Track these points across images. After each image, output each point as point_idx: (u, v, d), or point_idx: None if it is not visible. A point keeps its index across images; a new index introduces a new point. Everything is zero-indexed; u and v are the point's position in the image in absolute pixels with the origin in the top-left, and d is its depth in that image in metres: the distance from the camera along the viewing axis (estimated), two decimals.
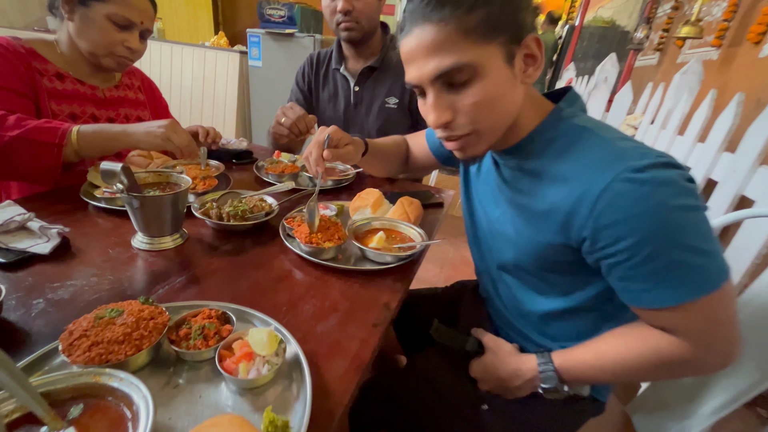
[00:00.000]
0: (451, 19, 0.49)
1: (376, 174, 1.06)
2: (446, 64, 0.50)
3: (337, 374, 0.47)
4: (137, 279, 0.61)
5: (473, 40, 0.49)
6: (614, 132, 0.55)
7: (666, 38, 2.89)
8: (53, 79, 0.92)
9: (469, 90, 0.52)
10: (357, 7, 1.12)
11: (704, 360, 0.53)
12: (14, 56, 0.86)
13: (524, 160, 0.60)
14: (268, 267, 0.68)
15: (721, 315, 0.50)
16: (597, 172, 0.49)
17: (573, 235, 0.53)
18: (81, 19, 0.89)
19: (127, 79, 1.11)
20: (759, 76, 1.85)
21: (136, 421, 0.35)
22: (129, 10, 0.90)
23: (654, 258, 0.47)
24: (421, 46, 0.51)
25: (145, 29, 0.96)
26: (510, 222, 0.64)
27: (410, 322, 0.98)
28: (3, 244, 0.60)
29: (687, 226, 0.46)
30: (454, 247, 2.49)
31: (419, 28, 0.51)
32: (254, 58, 3.00)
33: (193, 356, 0.45)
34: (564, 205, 0.53)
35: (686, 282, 0.47)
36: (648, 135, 2.00)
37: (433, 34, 0.50)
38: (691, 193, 0.47)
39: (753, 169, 1.15)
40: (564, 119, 0.58)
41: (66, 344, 0.40)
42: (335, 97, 1.36)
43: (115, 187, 0.61)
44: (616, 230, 0.48)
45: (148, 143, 0.82)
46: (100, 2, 0.88)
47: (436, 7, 0.49)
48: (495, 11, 0.49)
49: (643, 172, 0.46)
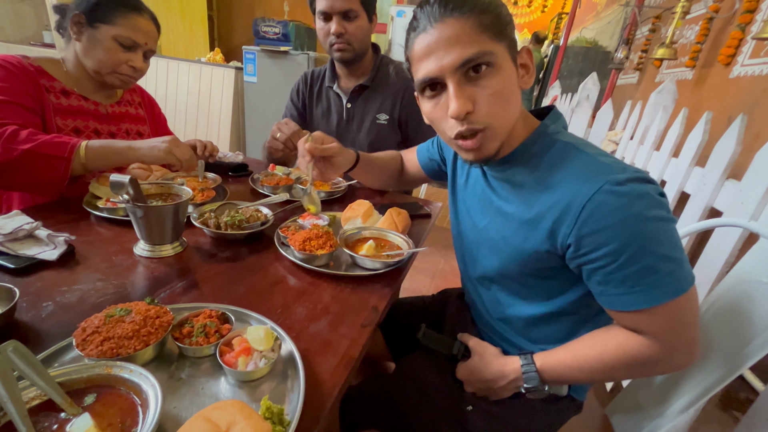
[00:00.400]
0: (470, 16, 0.54)
1: (370, 185, 1.11)
2: (470, 53, 0.54)
3: (328, 369, 0.51)
4: (140, 284, 0.65)
5: (489, 36, 0.55)
6: (595, 149, 0.61)
7: (644, 59, 3.03)
8: (59, 96, 0.97)
9: (488, 81, 0.56)
10: (349, 29, 1.19)
11: (669, 359, 0.58)
12: (24, 74, 0.91)
13: (511, 172, 0.65)
14: (264, 273, 0.72)
15: (685, 318, 0.55)
16: (581, 185, 0.54)
17: (558, 242, 0.58)
18: (88, 40, 0.95)
19: (128, 95, 1.16)
20: (730, 95, 1.96)
21: (145, 408, 0.39)
22: (134, 32, 0.96)
23: (630, 263, 0.52)
24: (442, 38, 0.55)
25: (149, 50, 1.02)
26: (497, 230, 0.68)
27: (399, 329, 1.02)
28: (13, 251, 0.64)
29: (660, 236, 0.52)
30: (444, 259, 2.54)
31: (440, 23, 0.55)
32: (249, 74, 3.08)
33: (195, 352, 0.49)
34: (550, 214, 0.58)
35: (657, 287, 0.52)
36: (628, 150, 2.10)
37: (455, 28, 0.54)
38: (663, 206, 0.53)
39: (720, 182, 1.23)
40: (549, 135, 0.63)
41: (80, 339, 0.44)
42: (328, 113, 1.42)
43: (122, 197, 0.66)
44: (598, 238, 0.53)
45: (152, 157, 0.87)
46: (108, 24, 0.93)
47: (456, 5, 0.54)
48: (500, 18, 0.56)
49: (623, 186, 0.51)
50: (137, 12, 0.97)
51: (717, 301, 0.78)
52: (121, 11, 0.94)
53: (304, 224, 0.87)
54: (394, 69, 1.38)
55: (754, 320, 0.70)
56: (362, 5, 1.19)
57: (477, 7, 0.55)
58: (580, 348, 0.64)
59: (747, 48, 1.87)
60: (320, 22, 1.21)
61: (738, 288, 0.76)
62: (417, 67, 0.59)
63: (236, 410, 0.37)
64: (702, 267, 1.19)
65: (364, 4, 1.19)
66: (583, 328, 0.70)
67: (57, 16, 0.98)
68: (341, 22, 1.18)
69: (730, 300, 0.76)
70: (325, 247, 0.75)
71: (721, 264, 1.11)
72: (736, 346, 0.71)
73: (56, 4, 0.99)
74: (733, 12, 2.01)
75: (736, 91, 1.91)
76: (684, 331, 0.56)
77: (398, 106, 1.35)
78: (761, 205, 1.03)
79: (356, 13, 1.18)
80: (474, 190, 0.76)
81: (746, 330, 0.70)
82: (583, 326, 0.70)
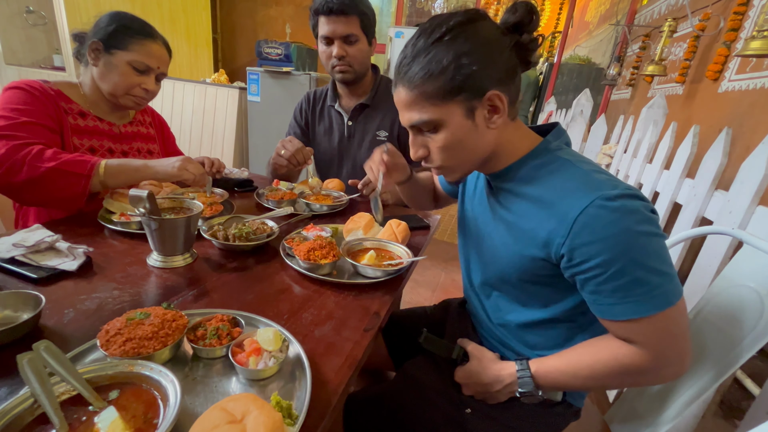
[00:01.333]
0: (415, 86, 0.62)
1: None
2: (415, 119, 0.64)
3: (333, 369, 0.54)
4: (153, 292, 0.69)
5: (433, 102, 0.62)
6: (592, 165, 0.65)
7: (636, 75, 3.12)
8: (77, 117, 1.03)
9: (436, 136, 0.65)
10: (350, 52, 1.26)
11: (660, 369, 0.60)
12: (45, 97, 0.97)
13: (514, 184, 0.70)
14: (270, 281, 0.76)
15: (675, 329, 0.58)
16: (575, 198, 0.58)
17: (552, 251, 0.62)
18: (104, 65, 1.01)
19: (140, 116, 1.22)
20: (719, 109, 2.02)
21: (165, 402, 0.42)
22: (148, 57, 1.03)
23: (620, 275, 0.55)
24: (399, 101, 0.66)
25: (161, 73, 1.08)
26: (500, 237, 0.72)
27: (401, 339, 1.05)
28: (35, 262, 0.68)
29: (649, 250, 0.55)
30: (444, 272, 2.57)
31: (398, 86, 0.65)
32: (253, 93, 3.18)
33: (209, 353, 0.52)
34: (546, 225, 0.62)
35: (647, 298, 0.56)
36: (622, 163, 2.15)
37: (405, 94, 0.64)
38: (653, 222, 0.56)
39: (710, 193, 1.27)
40: (550, 151, 0.68)
41: (103, 340, 0.48)
42: (330, 130, 1.48)
43: (139, 210, 0.70)
44: (590, 249, 0.56)
45: (166, 174, 0.92)
46: (123, 51, 1.00)
47: (405, 75, 0.63)
48: (450, 77, 0.59)
49: (614, 201, 0.55)
50: (151, 38, 1.04)
51: (706, 306, 0.81)
52: (135, 38, 1.01)
53: (308, 236, 0.91)
54: None
55: (741, 323, 0.73)
56: (362, 30, 1.26)
57: (421, 76, 0.61)
58: (574, 356, 0.66)
59: (733, 64, 1.95)
60: (322, 45, 1.28)
61: (725, 293, 0.79)
62: None
63: (250, 401, 0.40)
64: (695, 275, 1.22)
65: (364, 29, 1.26)
66: (579, 336, 0.73)
67: (76, 43, 1.05)
68: (342, 45, 1.25)
69: (718, 304, 0.80)
70: (328, 256, 0.79)
71: (713, 271, 1.14)
72: (725, 348, 0.74)
73: (75, 32, 1.05)
74: (719, 30, 2.10)
75: (724, 105, 1.97)
76: (674, 342, 0.59)
77: (397, 123, 1.41)
78: (748, 213, 1.07)
79: (357, 37, 1.25)
80: (481, 199, 0.81)
81: (735, 332, 0.73)
82: (579, 334, 0.73)
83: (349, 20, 1.22)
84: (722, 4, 2.13)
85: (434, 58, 0.60)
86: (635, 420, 0.90)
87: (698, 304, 0.83)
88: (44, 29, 3.57)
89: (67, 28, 3.08)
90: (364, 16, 1.24)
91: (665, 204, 1.54)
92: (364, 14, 1.24)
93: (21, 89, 0.95)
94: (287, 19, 4.56)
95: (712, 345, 0.76)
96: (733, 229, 0.83)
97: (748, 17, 1.90)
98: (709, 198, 1.28)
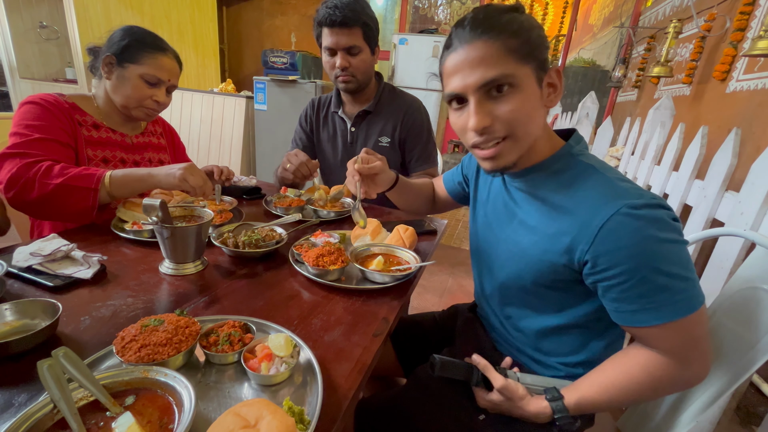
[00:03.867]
0: (497, 40, 0.59)
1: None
2: (491, 75, 0.59)
3: (343, 374, 0.55)
4: (166, 299, 0.70)
5: (514, 59, 0.59)
6: (616, 173, 0.65)
7: (642, 77, 3.10)
8: (90, 129, 1.06)
9: (507, 99, 0.60)
10: (353, 63, 1.28)
11: (686, 374, 0.61)
12: (60, 111, 0.99)
13: (533, 185, 0.70)
14: (280, 287, 0.77)
15: (697, 334, 0.58)
16: (600, 206, 0.58)
17: (575, 258, 0.62)
18: (117, 78, 1.04)
19: (151, 126, 1.25)
20: (727, 109, 2.01)
21: (180, 408, 0.43)
22: (159, 70, 1.05)
23: (644, 282, 0.56)
24: (468, 59, 0.60)
25: (171, 85, 1.11)
26: (517, 241, 0.72)
27: (410, 345, 1.05)
28: (52, 270, 0.69)
29: (672, 257, 0.56)
30: (452, 277, 2.56)
31: (468, 44, 0.60)
32: (260, 102, 3.22)
33: (221, 359, 0.53)
34: (569, 231, 0.62)
35: (669, 304, 0.56)
36: (630, 165, 2.14)
37: (482, 50, 0.59)
38: (676, 230, 0.57)
39: (720, 194, 1.26)
40: (574, 156, 0.68)
41: (119, 347, 0.49)
42: (334, 136, 1.50)
43: (151, 218, 0.71)
44: (614, 257, 0.57)
45: (168, 183, 0.93)
46: (135, 64, 1.02)
47: (486, 29, 0.59)
48: (530, 41, 0.60)
49: (639, 210, 0.56)
50: (162, 52, 1.06)
51: (719, 308, 0.80)
52: (147, 52, 1.03)
53: (316, 242, 0.91)
54: (395, 95, 1.47)
55: (756, 325, 0.72)
56: (365, 40, 1.27)
57: (506, 31, 0.59)
58: (607, 380, 0.65)
59: (741, 64, 1.93)
60: (326, 56, 1.30)
61: (739, 295, 0.78)
62: (446, 83, 0.66)
63: (263, 406, 0.40)
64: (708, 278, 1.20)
65: (367, 40, 1.28)
66: (594, 343, 0.73)
67: (90, 57, 1.08)
68: (345, 56, 1.27)
69: (731, 307, 0.79)
70: (337, 262, 0.80)
71: (726, 274, 1.13)
72: (740, 352, 0.73)
73: (90, 46, 1.08)
74: (725, 30, 2.09)
75: (733, 105, 1.96)
76: (696, 346, 0.59)
77: (398, 129, 1.43)
78: (760, 215, 1.06)
79: (359, 48, 1.27)
80: (495, 203, 0.81)
81: (749, 335, 0.72)
82: (594, 340, 0.73)
83: (352, 32, 1.23)
84: (728, 4, 2.12)
85: (515, 21, 0.60)
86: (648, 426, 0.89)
87: (711, 306, 0.82)
88: (57, 43, 3.66)
89: (79, 42, 3.16)
90: (366, 27, 1.25)
91: (675, 206, 1.53)
92: (366, 25, 1.25)
93: (36, 104, 0.97)
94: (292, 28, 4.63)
95: (727, 348, 0.75)
96: (745, 230, 0.82)
97: (754, 17, 1.89)
98: (720, 199, 1.26)
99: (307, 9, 4.69)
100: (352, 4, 1.20)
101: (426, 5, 5.72)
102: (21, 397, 0.46)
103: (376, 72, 1.44)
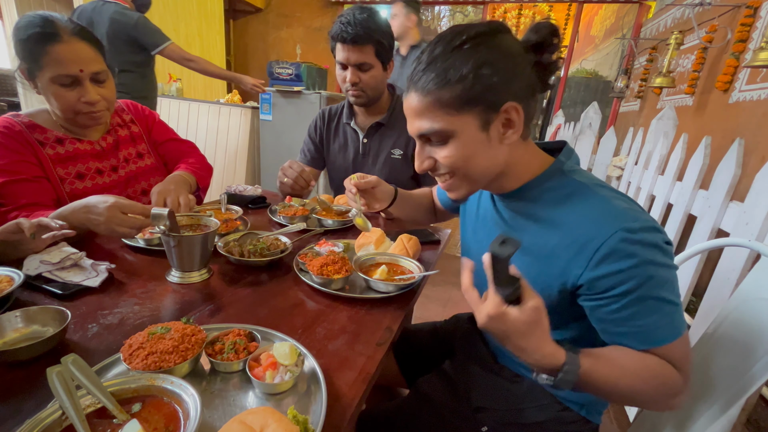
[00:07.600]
0: (429, 93, 0.59)
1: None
2: (425, 128, 0.61)
3: (347, 383, 0.55)
4: (172, 307, 0.70)
5: (447, 111, 0.59)
6: (610, 190, 0.64)
7: (644, 87, 3.12)
8: (55, 146, 0.95)
9: (445, 147, 0.62)
10: (363, 79, 1.29)
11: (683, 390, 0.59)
12: (15, 140, 0.89)
13: (524, 205, 0.69)
14: (285, 296, 0.77)
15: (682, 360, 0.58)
16: (596, 228, 0.58)
17: (570, 280, 0.61)
18: (42, 91, 0.90)
19: (116, 118, 1.12)
20: (730, 119, 2.01)
21: (186, 415, 0.43)
22: (62, 66, 0.86)
23: (633, 305, 0.56)
24: (409, 108, 0.63)
25: (92, 73, 0.91)
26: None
27: (412, 355, 1.04)
28: (60, 278, 0.70)
29: (664, 282, 0.56)
30: (455, 287, 2.55)
31: (410, 93, 0.62)
32: (265, 113, 3.26)
33: (227, 367, 0.53)
34: (564, 253, 0.61)
35: (657, 328, 0.56)
36: (633, 175, 2.14)
37: (417, 101, 0.61)
38: (669, 254, 0.57)
39: (724, 204, 1.26)
40: (565, 173, 0.66)
41: (126, 354, 0.49)
42: (345, 147, 1.51)
43: (159, 228, 0.72)
44: (610, 280, 0.56)
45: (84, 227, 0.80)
46: (41, 70, 0.87)
47: (419, 81, 0.60)
48: (468, 86, 0.57)
49: (636, 234, 0.55)
50: (54, 41, 0.85)
51: (726, 319, 0.80)
52: (42, 50, 0.85)
53: (320, 251, 0.92)
54: None
55: (763, 336, 0.71)
56: (377, 56, 1.28)
57: (439, 82, 0.58)
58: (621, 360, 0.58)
59: (743, 74, 1.94)
60: (339, 69, 1.32)
61: (745, 306, 0.77)
62: None
63: (268, 415, 0.41)
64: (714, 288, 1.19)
65: (379, 56, 1.28)
66: None
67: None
68: (356, 72, 1.28)
69: (738, 318, 0.78)
70: (341, 271, 0.80)
71: (732, 284, 1.12)
72: (748, 363, 0.72)
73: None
74: (727, 41, 2.10)
75: (736, 115, 1.96)
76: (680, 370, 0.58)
77: (412, 141, 1.43)
78: (766, 225, 1.05)
79: (370, 65, 1.28)
80: (485, 221, 0.79)
81: (757, 346, 0.71)
82: None
83: (364, 49, 1.24)
84: (729, 15, 2.14)
85: (452, 66, 0.57)
86: None
87: (717, 317, 0.81)
88: None
89: None
90: (379, 45, 1.25)
91: (679, 216, 1.52)
92: (379, 43, 1.25)
93: None
94: (297, 40, 4.70)
95: (734, 359, 0.75)
96: (750, 240, 0.82)
97: (755, 28, 1.90)
98: (725, 209, 1.26)
99: (312, 21, 4.78)
100: (365, 22, 1.20)
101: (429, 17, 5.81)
102: (30, 403, 0.47)
103: (388, 84, 1.45)
